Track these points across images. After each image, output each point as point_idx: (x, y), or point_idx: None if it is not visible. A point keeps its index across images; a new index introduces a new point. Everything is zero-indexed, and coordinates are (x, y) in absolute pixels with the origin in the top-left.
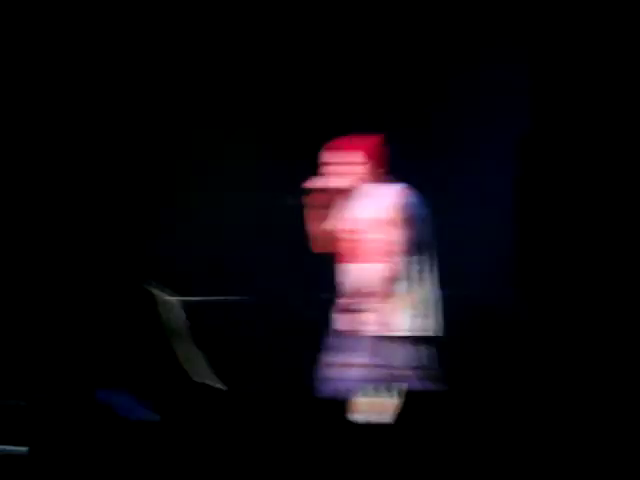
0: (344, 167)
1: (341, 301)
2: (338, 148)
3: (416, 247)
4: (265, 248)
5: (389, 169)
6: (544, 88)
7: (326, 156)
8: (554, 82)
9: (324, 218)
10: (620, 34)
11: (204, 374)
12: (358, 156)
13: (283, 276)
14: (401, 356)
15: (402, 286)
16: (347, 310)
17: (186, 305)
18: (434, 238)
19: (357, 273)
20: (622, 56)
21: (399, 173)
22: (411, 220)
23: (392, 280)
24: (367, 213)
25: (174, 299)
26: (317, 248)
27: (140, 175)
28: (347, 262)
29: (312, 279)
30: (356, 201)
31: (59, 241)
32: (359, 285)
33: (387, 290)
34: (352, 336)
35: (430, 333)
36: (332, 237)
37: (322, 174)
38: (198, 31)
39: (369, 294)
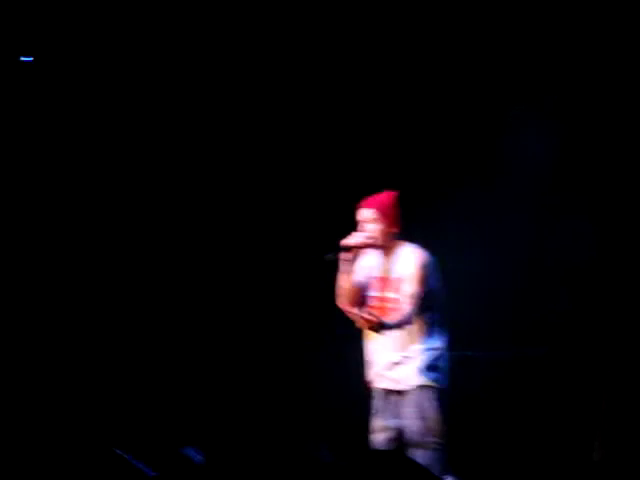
0: (362, 224)
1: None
2: (360, 206)
3: (429, 303)
4: None
5: (402, 226)
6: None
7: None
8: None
9: (347, 275)
10: None
11: None
12: (371, 213)
13: None
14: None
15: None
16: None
17: None
18: (443, 293)
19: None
20: None
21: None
22: (427, 278)
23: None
24: (387, 272)
25: None
26: (340, 303)
27: None
28: None
29: None
30: (376, 259)
31: None
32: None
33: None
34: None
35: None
36: (352, 293)
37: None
38: None
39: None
